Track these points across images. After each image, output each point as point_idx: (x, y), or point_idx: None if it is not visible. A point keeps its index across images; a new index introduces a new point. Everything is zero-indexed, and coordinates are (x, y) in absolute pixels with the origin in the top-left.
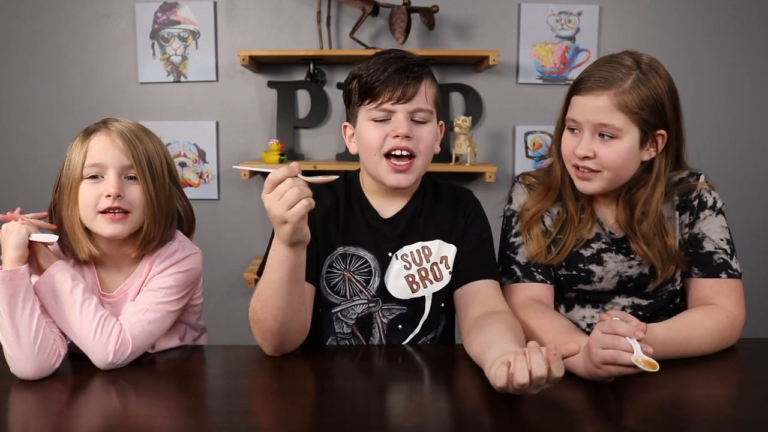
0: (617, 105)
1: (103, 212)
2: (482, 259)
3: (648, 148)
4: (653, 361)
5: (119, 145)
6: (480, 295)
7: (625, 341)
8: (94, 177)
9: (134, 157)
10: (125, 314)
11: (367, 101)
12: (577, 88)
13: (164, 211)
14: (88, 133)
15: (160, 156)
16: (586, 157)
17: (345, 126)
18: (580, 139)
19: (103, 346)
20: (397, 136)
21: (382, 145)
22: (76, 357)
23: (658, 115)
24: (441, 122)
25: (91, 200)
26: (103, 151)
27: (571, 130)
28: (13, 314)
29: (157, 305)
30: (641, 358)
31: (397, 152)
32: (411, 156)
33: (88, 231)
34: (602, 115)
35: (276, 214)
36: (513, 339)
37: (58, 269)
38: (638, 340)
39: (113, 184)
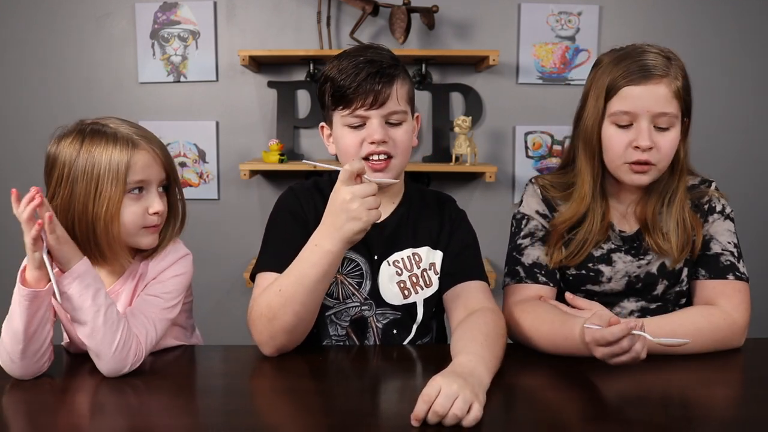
0: (674, 92)
1: (149, 227)
2: (466, 263)
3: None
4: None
5: (160, 160)
6: (462, 297)
7: (628, 342)
8: (134, 191)
9: (171, 168)
10: (135, 324)
11: (341, 107)
12: (625, 79)
13: (180, 218)
14: (124, 142)
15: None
16: (648, 149)
17: (322, 126)
18: (637, 132)
19: (123, 360)
20: (373, 143)
21: (358, 150)
22: (73, 357)
23: (689, 102)
24: (417, 114)
25: (138, 218)
26: (148, 167)
27: (620, 125)
28: (27, 329)
29: (161, 311)
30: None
31: (374, 157)
32: (389, 157)
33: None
34: (663, 104)
35: (356, 208)
36: (477, 345)
37: (81, 270)
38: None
39: (159, 202)
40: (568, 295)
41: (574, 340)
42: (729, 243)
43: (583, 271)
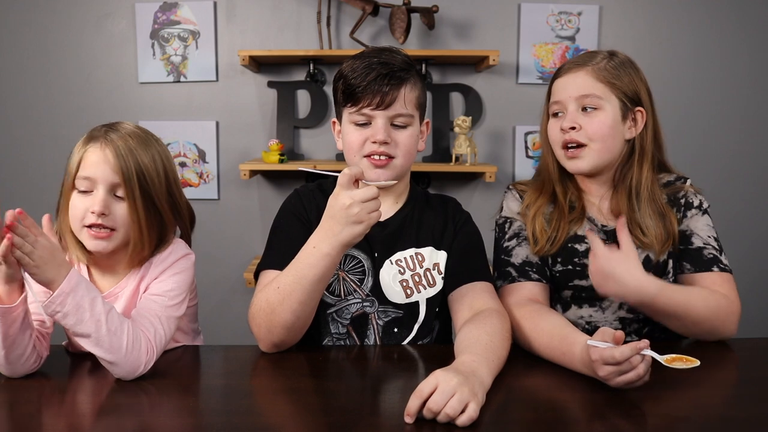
0: (596, 77)
1: (89, 227)
2: (471, 263)
3: (629, 125)
4: (687, 357)
5: (110, 162)
6: (467, 298)
7: (638, 358)
8: (84, 190)
9: (124, 175)
10: (142, 322)
11: (349, 104)
12: (555, 76)
13: (155, 228)
14: (88, 139)
15: (157, 170)
16: (572, 129)
17: (334, 122)
18: (564, 118)
19: (136, 360)
20: (375, 142)
21: (361, 148)
22: (73, 356)
23: (634, 92)
24: (427, 120)
25: (78, 213)
26: (95, 165)
27: (555, 115)
28: (5, 339)
29: (166, 309)
30: (672, 357)
31: (375, 156)
32: (389, 157)
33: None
34: (583, 87)
35: (356, 213)
36: (480, 346)
37: (71, 284)
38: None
39: (99, 202)
40: (589, 233)
41: (572, 356)
42: (710, 237)
43: (570, 267)
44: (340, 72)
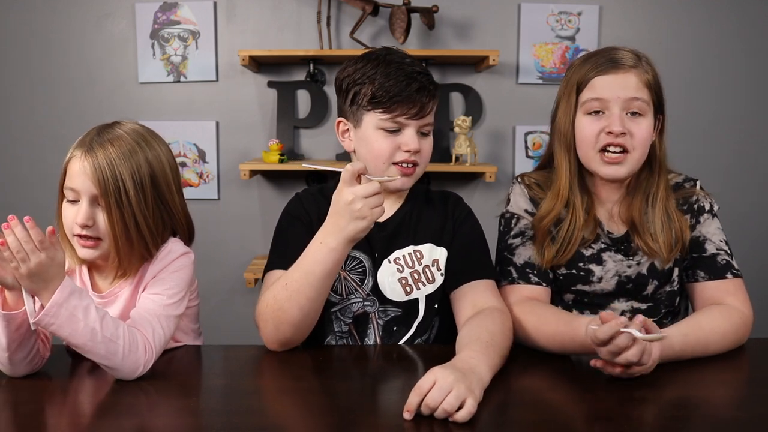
0: (643, 81)
1: (77, 236)
2: (473, 260)
3: (653, 131)
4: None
5: (89, 174)
6: (470, 296)
7: (625, 339)
8: (71, 200)
9: (101, 188)
10: (140, 322)
11: (380, 110)
12: (595, 71)
13: (135, 241)
14: (76, 146)
15: (142, 180)
16: (621, 134)
17: (339, 122)
18: (609, 118)
19: (134, 362)
20: (408, 151)
21: (391, 156)
22: (74, 357)
23: (661, 97)
24: None
25: (68, 222)
26: (77, 176)
27: (592, 113)
28: (10, 344)
29: (165, 308)
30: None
31: (405, 165)
32: (415, 165)
33: None
34: (634, 90)
35: (359, 208)
36: (481, 343)
37: (64, 294)
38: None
39: (82, 214)
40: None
41: (581, 338)
42: (721, 242)
43: (574, 271)
44: (363, 73)
